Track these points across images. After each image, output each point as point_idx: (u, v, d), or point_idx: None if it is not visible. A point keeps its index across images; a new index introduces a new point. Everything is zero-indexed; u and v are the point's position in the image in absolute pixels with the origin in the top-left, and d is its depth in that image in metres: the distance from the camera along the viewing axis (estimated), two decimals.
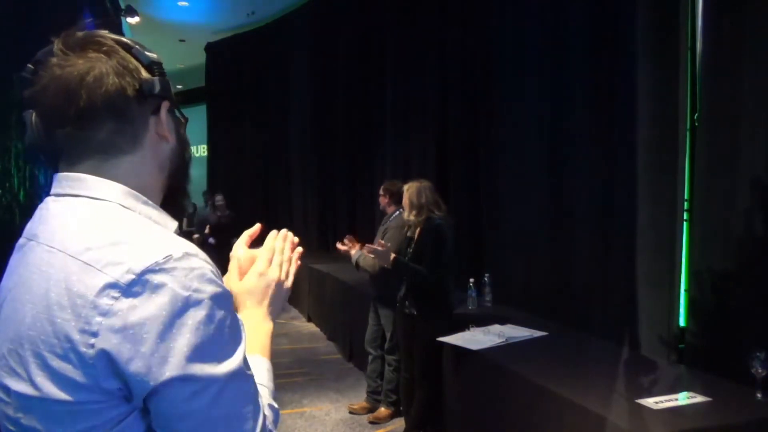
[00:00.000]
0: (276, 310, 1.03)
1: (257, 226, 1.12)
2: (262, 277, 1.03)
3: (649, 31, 3.00)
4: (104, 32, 0.85)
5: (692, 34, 2.86)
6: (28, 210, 2.97)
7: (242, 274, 1.05)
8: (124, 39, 0.86)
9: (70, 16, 3.95)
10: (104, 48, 0.83)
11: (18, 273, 0.82)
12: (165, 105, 0.88)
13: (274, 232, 1.08)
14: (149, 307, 0.72)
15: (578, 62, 3.60)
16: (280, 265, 1.05)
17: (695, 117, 2.84)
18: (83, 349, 0.72)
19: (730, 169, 2.61)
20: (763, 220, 2.51)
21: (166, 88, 0.87)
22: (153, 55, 0.86)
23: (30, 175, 3.12)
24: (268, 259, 1.04)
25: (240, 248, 1.07)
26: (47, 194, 0.86)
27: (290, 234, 1.10)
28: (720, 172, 2.67)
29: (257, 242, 1.09)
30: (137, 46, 0.86)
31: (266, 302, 1.02)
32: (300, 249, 1.10)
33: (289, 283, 1.05)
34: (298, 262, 1.10)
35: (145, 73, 0.85)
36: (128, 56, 0.84)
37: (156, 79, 0.85)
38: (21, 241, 0.85)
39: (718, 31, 2.68)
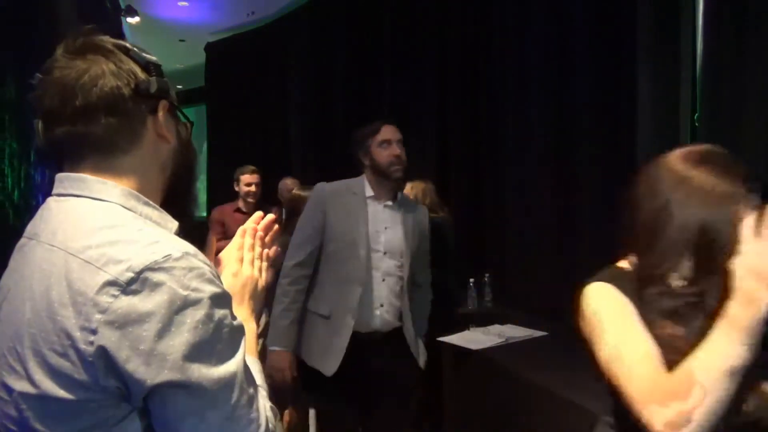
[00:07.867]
0: (257, 309, 1.02)
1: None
2: (237, 278, 1.00)
3: (649, 32, 3.00)
4: (104, 36, 0.87)
5: (692, 34, 2.86)
6: (22, 210, 3.00)
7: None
8: (122, 42, 0.88)
9: (68, 19, 3.95)
10: (102, 50, 0.85)
11: (19, 272, 0.82)
12: (163, 105, 0.88)
13: (241, 228, 1.05)
14: (148, 305, 0.72)
15: (579, 62, 3.59)
16: (252, 263, 1.02)
17: (695, 117, 2.84)
18: (83, 347, 0.72)
19: None
20: None
21: (164, 89, 0.88)
22: (150, 57, 0.88)
23: (25, 175, 3.11)
24: (238, 258, 1.02)
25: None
26: (42, 194, 0.87)
27: (257, 226, 1.05)
28: None
29: None
30: (135, 49, 0.88)
31: (245, 302, 1.00)
32: (276, 227, 1.06)
33: (263, 281, 1.03)
34: (275, 248, 1.06)
35: (141, 74, 0.86)
36: (125, 58, 0.86)
37: (153, 79, 0.86)
38: (22, 241, 0.85)
39: (718, 31, 2.68)
